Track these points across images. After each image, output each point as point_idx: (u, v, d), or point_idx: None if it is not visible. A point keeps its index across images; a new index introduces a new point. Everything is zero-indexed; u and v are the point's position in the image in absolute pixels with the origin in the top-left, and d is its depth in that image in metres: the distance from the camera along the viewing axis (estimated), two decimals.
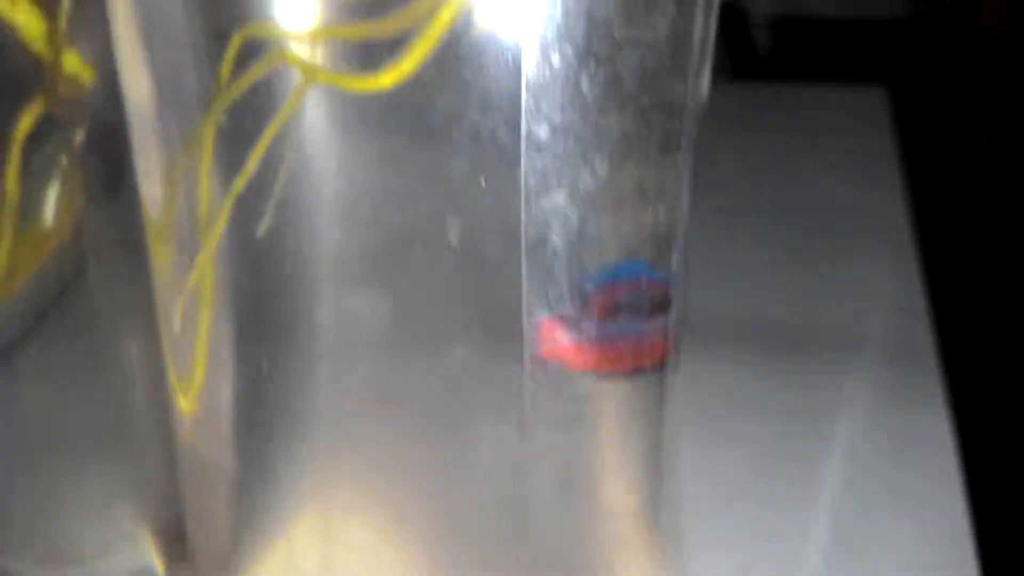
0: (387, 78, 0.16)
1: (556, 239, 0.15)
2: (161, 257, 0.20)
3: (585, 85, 0.15)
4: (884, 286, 0.40)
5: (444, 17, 0.15)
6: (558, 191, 0.15)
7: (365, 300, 0.17)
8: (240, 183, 0.18)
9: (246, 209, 0.17)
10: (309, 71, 0.16)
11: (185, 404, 0.20)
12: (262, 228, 0.17)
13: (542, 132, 0.15)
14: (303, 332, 0.18)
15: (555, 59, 0.14)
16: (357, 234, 0.17)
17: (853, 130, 0.55)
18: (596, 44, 0.15)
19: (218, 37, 0.17)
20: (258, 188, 0.17)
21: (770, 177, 0.51)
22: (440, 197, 0.15)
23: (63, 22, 0.20)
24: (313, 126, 0.17)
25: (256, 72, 0.17)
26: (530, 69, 0.15)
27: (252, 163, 0.18)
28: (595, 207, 0.15)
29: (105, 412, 0.24)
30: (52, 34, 0.19)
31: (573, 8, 0.14)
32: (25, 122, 0.20)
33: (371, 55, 0.16)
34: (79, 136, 0.21)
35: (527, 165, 0.15)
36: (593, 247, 0.16)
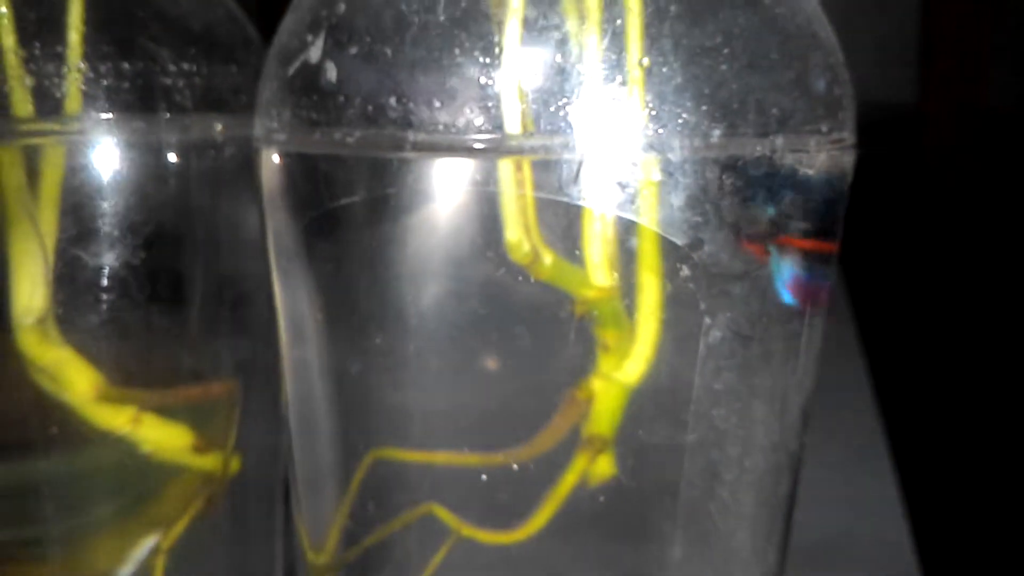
0: (521, 533, 0.19)
1: None
2: None
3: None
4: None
5: (569, 479, 0.18)
6: None
7: None
8: None
9: None
10: (455, 524, 0.19)
11: None
12: None
13: None
14: None
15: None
16: None
17: None
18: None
19: (350, 457, 0.20)
20: None
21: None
22: None
23: (232, 439, 0.21)
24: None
25: (405, 519, 0.20)
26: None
27: None
28: None
29: None
30: (213, 445, 0.21)
31: None
32: (179, 527, 0.22)
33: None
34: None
35: None
36: None
